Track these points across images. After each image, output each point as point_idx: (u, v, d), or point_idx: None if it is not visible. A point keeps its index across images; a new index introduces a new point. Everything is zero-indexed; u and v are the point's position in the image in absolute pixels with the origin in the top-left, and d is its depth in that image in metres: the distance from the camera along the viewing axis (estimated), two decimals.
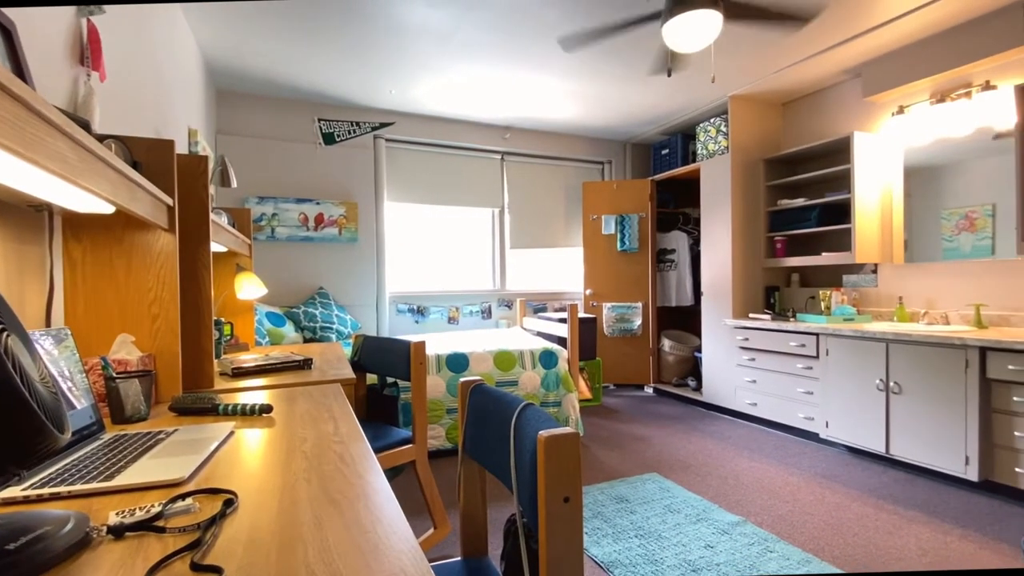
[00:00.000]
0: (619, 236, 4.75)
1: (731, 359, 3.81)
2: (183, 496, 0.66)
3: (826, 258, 3.40)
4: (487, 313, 4.64)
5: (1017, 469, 2.29)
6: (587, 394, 4.04)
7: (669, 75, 2.78)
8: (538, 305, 4.87)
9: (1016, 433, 2.29)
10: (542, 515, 0.69)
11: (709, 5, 2.07)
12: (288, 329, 3.43)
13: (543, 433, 0.70)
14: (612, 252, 4.79)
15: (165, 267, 1.28)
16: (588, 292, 4.80)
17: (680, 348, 4.60)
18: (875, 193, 3.26)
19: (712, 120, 4.08)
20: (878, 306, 3.37)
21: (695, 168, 4.25)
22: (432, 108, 4.14)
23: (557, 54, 3.14)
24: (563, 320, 3.77)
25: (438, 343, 3.42)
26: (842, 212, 3.36)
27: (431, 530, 2.01)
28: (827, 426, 3.07)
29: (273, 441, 0.94)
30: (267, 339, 3.21)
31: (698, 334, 4.33)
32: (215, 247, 1.84)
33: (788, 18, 2.35)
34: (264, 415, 1.13)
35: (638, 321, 4.71)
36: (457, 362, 3.09)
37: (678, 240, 4.79)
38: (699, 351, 4.27)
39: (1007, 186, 2.63)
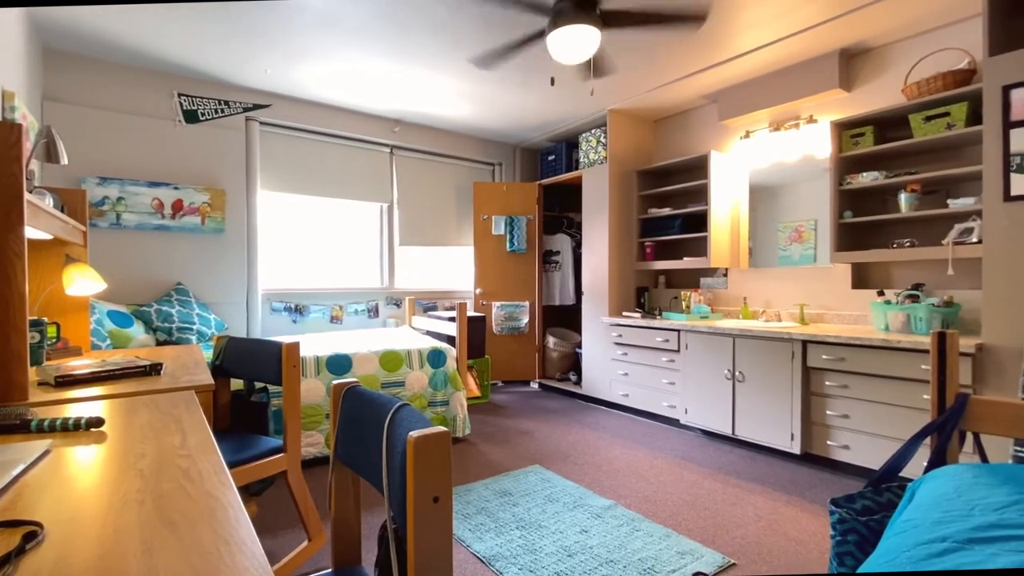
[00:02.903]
0: (508, 237, 4.86)
1: (607, 354, 4.09)
2: None
3: (687, 262, 3.80)
4: (374, 312, 4.48)
5: (828, 442, 2.74)
6: (476, 392, 4.08)
7: (552, 84, 2.91)
8: (428, 304, 4.81)
9: (827, 412, 2.74)
10: (411, 516, 0.68)
11: (584, 20, 2.20)
12: (137, 330, 3.01)
13: (413, 434, 0.69)
14: (502, 252, 4.88)
15: None
16: (478, 291, 4.84)
17: (563, 345, 4.84)
18: (727, 206, 3.70)
19: (593, 131, 4.34)
20: (728, 305, 3.84)
21: (578, 175, 4.49)
22: (315, 93, 3.89)
23: (448, 53, 3.12)
24: (453, 319, 3.77)
25: (318, 344, 3.23)
26: (700, 222, 3.76)
27: (305, 542, 1.90)
28: (686, 413, 3.43)
29: (102, 460, 0.81)
30: (108, 342, 2.79)
31: (579, 331, 4.59)
32: (33, 233, 1.55)
33: (672, 21, 2.52)
34: (92, 430, 0.98)
35: (525, 319, 4.86)
36: (339, 364, 2.94)
37: (562, 242, 5.02)
38: (580, 347, 4.52)
39: (825, 205, 3.12)
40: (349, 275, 4.48)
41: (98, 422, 0.99)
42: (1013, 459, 2.08)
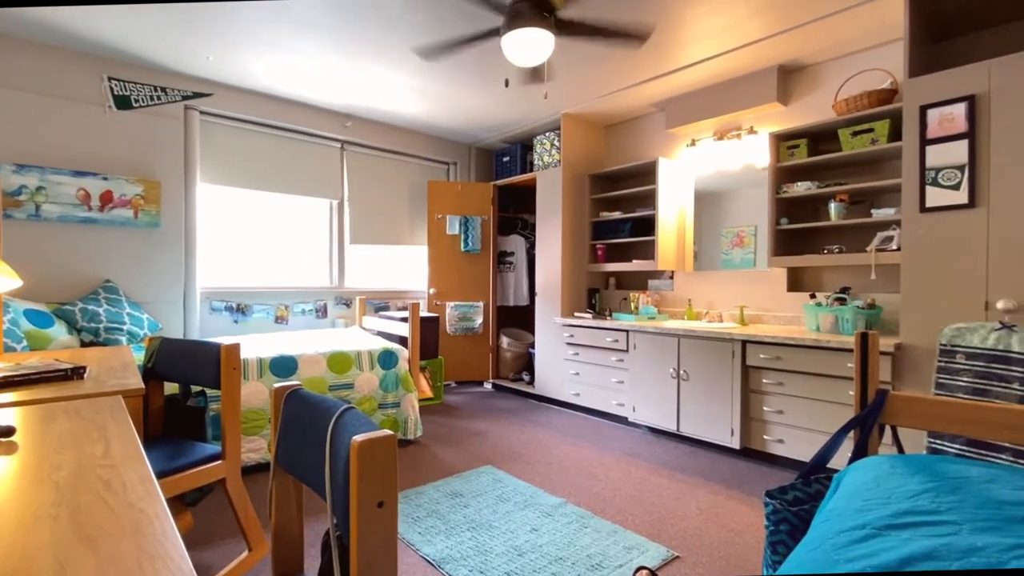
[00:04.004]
0: (463, 237, 4.83)
1: (559, 354, 4.14)
2: None
3: (636, 265, 3.91)
4: (322, 312, 4.35)
5: (765, 436, 2.89)
6: (428, 393, 4.03)
7: (507, 85, 2.92)
8: (380, 304, 4.71)
9: (764, 408, 2.89)
10: (354, 521, 0.67)
11: (540, 24, 2.23)
12: (58, 331, 2.79)
13: (357, 438, 0.68)
14: (456, 252, 4.85)
15: None
16: (432, 291, 4.79)
17: (517, 345, 4.86)
18: (673, 211, 3.84)
19: (547, 134, 4.39)
20: (674, 306, 3.98)
21: (532, 177, 4.53)
22: (261, 84, 3.73)
23: (402, 49, 3.07)
24: (405, 319, 3.71)
25: (262, 345, 3.10)
26: (649, 226, 3.88)
27: (245, 553, 1.82)
28: (634, 410, 3.52)
29: (12, 472, 0.75)
30: (25, 344, 2.57)
31: (532, 331, 4.63)
32: None
33: (619, 37, 2.59)
34: (2, 439, 0.90)
35: (479, 320, 4.85)
36: (284, 366, 2.84)
37: (516, 243, 5.05)
38: (533, 347, 4.56)
39: (764, 212, 3.29)
40: (296, 273, 4.33)
41: (8, 431, 0.91)
42: (927, 450, 2.27)
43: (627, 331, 3.57)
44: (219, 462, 1.69)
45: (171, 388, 2.09)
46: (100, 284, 3.25)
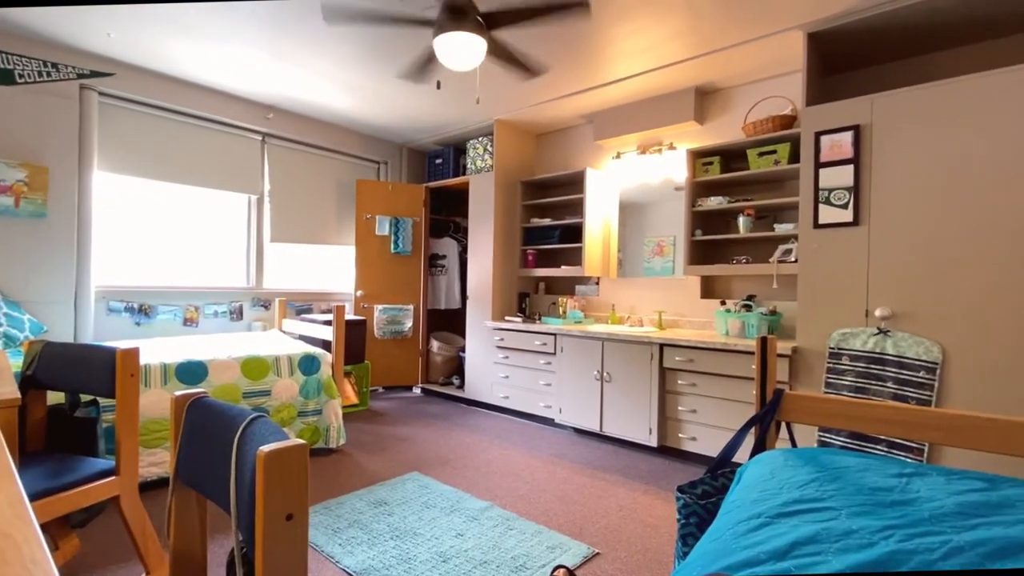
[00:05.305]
0: (393, 238, 4.73)
1: (489, 357, 4.16)
2: None
3: (564, 271, 4.02)
4: (237, 314, 4.08)
5: (680, 435, 3.06)
6: (353, 399, 3.90)
7: (439, 87, 2.90)
8: (302, 306, 4.49)
9: (679, 408, 3.07)
10: (259, 536, 0.63)
11: (476, 31, 2.24)
12: None
13: (264, 448, 0.65)
14: (386, 254, 4.74)
15: None
16: (359, 293, 4.65)
17: (447, 348, 4.82)
18: (600, 220, 3.98)
19: (480, 139, 4.41)
20: (599, 311, 4.12)
21: (465, 181, 4.52)
22: (172, 67, 3.44)
23: (330, 36, 2.96)
24: (329, 322, 3.57)
25: (168, 350, 2.86)
26: (577, 233, 4.00)
27: None
28: (560, 412, 3.61)
29: None
30: None
31: (464, 335, 4.61)
32: None
33: (522, 68, 2.71)
34: None
35: (409, 323, 4.76)
36: (192, 372, 2.63)
37: (449, 246, 5.02)
38: (463, 351, 4.54)
39: (682, 224, 3.49)
40: (208, 272, 4.03)
41: None
42: (817, 443, 2.51)
43: (555, 335, 3.65)
44: (112, 478, 1.54)
45: (56, 398, 1.87)
46: None
